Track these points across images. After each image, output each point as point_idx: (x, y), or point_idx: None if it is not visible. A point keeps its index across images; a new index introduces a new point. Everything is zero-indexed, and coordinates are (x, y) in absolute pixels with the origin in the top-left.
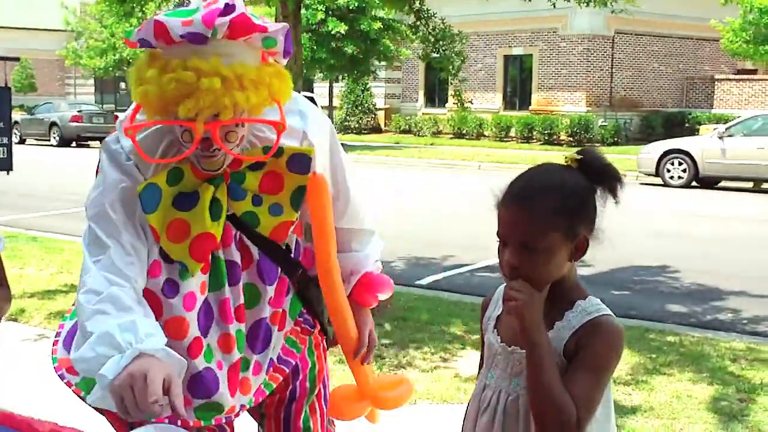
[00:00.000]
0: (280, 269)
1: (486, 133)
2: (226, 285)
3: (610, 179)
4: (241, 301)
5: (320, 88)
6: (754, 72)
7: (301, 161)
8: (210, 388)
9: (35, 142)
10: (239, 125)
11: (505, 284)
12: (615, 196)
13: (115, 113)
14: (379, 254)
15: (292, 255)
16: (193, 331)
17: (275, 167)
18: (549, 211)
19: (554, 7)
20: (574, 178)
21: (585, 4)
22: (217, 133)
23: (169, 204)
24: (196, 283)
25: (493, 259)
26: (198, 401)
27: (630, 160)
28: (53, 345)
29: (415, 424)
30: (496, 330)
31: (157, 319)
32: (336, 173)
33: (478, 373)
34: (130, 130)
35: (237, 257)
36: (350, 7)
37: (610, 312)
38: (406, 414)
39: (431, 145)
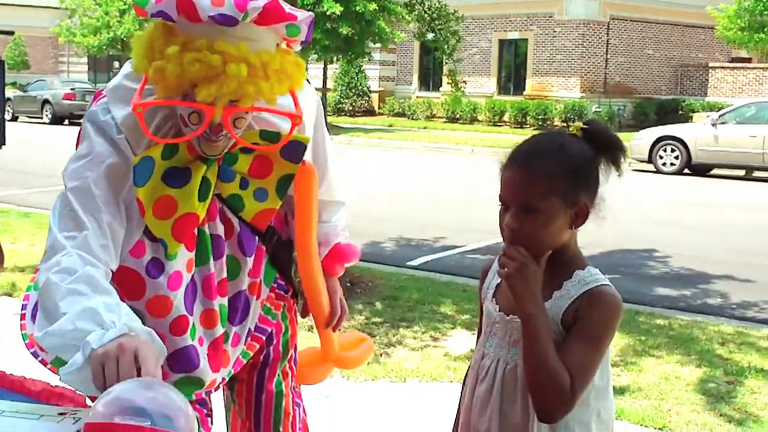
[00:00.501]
0: (257, 239)
1: (479, 117)
2: (211, 259)
3: (613, 149)
4: (224, 275)
5: (314, 70)
6: (748, 60)
7: (295, 149)
8: (192, 363)
9: (28, 119)
10: (248, 111)
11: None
12: (618, 167)
13: None
14: (346, 223)
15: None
16: (178, 309)
17: (267, 152)
18: (550, 174)
19: None
20: (578, 146)
21: None
22: (229, 119)
23: (159, 179)
24: (182, 261)
25: (484, 242)
26: (177, 375)
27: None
28: (21, 320)
29: (404, 402)
30: (494, 299)
31: (138, 299)
32: (318, 147)
33: (477, 341)
34: (140, 107)
35: (221, 230)
36: None
37: (608, 282)
38: (396, 392)
39: (425, 128)
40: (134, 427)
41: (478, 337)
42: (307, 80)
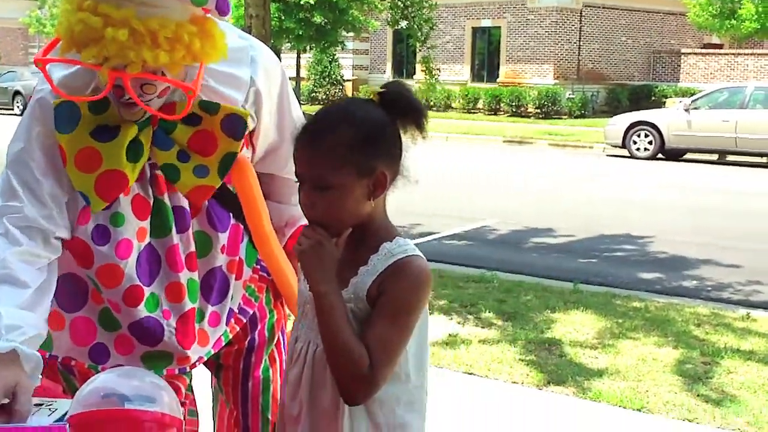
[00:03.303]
0: (231, 216)
1: (454, 105)
2: (173, 231)
3: (411, 112)
4: (192, 248)
5: (288, 59)
6: (719, 46)
7: (234, 123)
8: (154, 336)
9: None
10: (155, 79)
11: None
12: (421, 130)
13: None
14: None
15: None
16: (131, 278)
17: (210, 125)
18: (339, 146)
19: None
20: (370, 112)
21: None
22: (128, 83)
23: (86, 131)
24: (131, 229)
25: (461, 227)
26: (143, 348)
27: (597, 132)
28: None
29: None
30: (306, 279)
31: (88, 267)
32: (284, 118)
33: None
34: (40, 63)
35: (185, 202)
36: None
37: (418, 253)
38: None
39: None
40: (118, 411)
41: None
42: (273, 46)
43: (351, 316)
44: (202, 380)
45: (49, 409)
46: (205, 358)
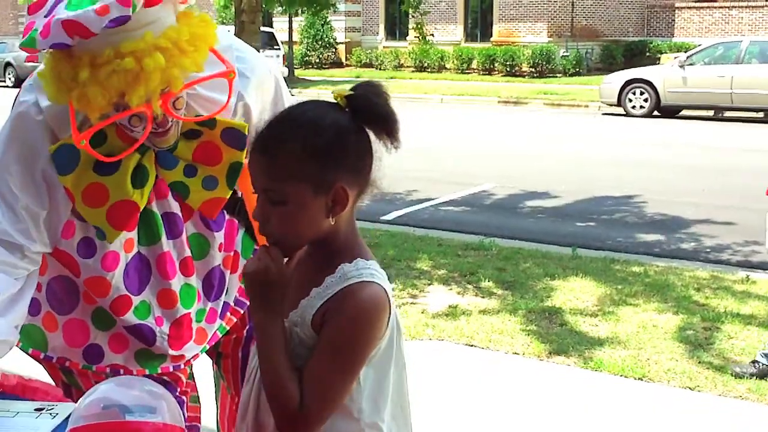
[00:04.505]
0: (225, 213)
1: (447, 65)
2: (164, 238)
3: (380, 119)
4: (187, 253)
5: (280, 23)
6: (714, 0)
7: (234, 136)
8: (146, 341)
9: None
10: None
11: None
12: (392, 139)
13: None
14: None
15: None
16: (118, 289)
17: (211, 138)
18: (290, 158)
19: None
20: (331, 119)
21: None
22: (168, 106)
23: (88, 167)
24: (118, 241)
25: (458, 193)
26: (137, 344)
27: (592, 91)
28: None
29: None
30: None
31: (77, 277)
32: None
33: None
34: (83, 140)
35: (176, 207)
36: None
37: (375, 279)
38: None
39: (393, 78)
40: (119, 424)
41: None
42: (273, 37)
43: (297, 341)
44: (204, 366)
45: (50, 414)
46: (201, 354)
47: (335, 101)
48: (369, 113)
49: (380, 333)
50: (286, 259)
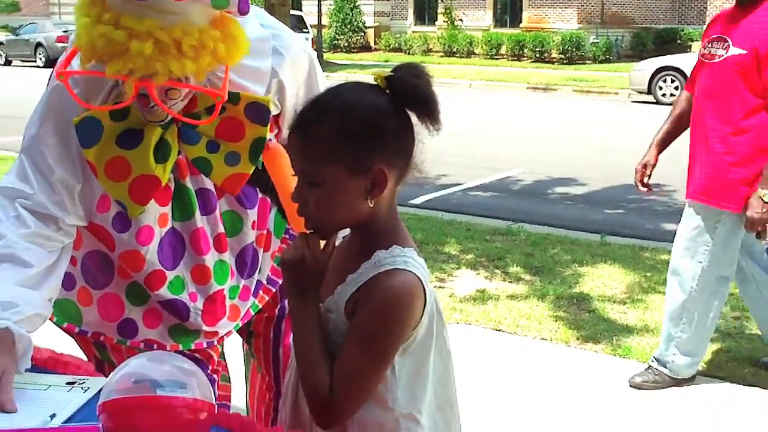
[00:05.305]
0: (258, 190)
1: (476, 51)
2: (197, 214)
3: (420, 101)
4: (221, 230)
5: (309, 6)
6: None
7: (258, 111)
8: (179, 316)
9: (21, 63)
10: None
11: None
12: (434, 122)
13: None
14: None
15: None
16: (152, 264)
17: (234, 113)
18: (325, 139)
19: None
20: (368, 101)
21: None
22: (154, 91)
23: (111, 140)
24: (152, 215)
25: (486, 178)
26: (171, 320)
27: (622, 78)
28: None
29: None
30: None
31: (112, 252)
32: None
33: None
34: (62, 75)
35: (209, 184)
36: None
37: (408, 267)
38: None
39: (421, 63)
40: (150, 398)
41: None
42: (302, 20)
43: (332, 328)
44: (234, 345)
45: (82, 387)
46: (234, 331)
47: (375, 83)
48: (409, 95)
49: (412, 322)
50: (324, 243)
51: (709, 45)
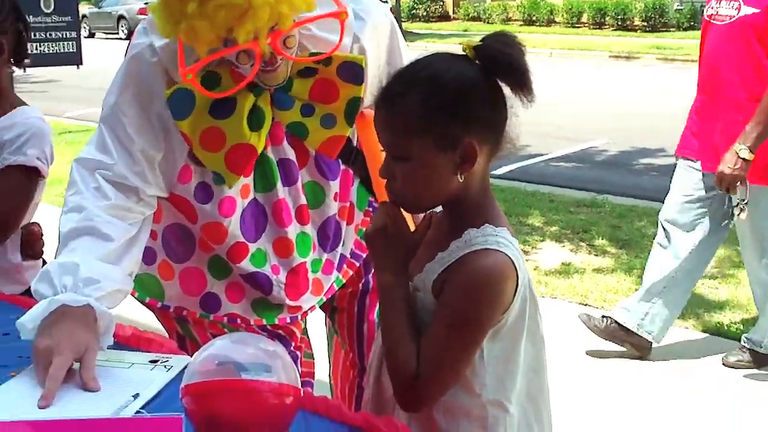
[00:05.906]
0: (341, 162)
1: (557, 19)
2: (279, 185)
3: (511, 71)
4: (303, 201)
5: None
6: None
7: (352, 69)
8: (263, 288)
9: (104, 35)
10: (293, 28)
11: None
12: (526, 93)
13: None
14: None
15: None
16: (234, 236)
17: (327, 75)
18: (411, 112)
19: None
20: (456, 71)
21: None
22: (277, 44)
23: (204, 111)
24: (235, 187)
25: (568, 149)
26: (254, 293)
27: None
28: None
29: None
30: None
31: (194, 224)
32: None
33: None
34: (189, 74)
35: (291, 154)
36: None
37: (500, 247)
38: None
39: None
40: (235, 382)
41: None
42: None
43: (420, 307)
44: (317, 321)
45: (165, 366)
46: (318, 306)
47: (463, 53)
48: (500, 64)
49: (502, 305)
50: (413, 217)
51: (717, 4)
